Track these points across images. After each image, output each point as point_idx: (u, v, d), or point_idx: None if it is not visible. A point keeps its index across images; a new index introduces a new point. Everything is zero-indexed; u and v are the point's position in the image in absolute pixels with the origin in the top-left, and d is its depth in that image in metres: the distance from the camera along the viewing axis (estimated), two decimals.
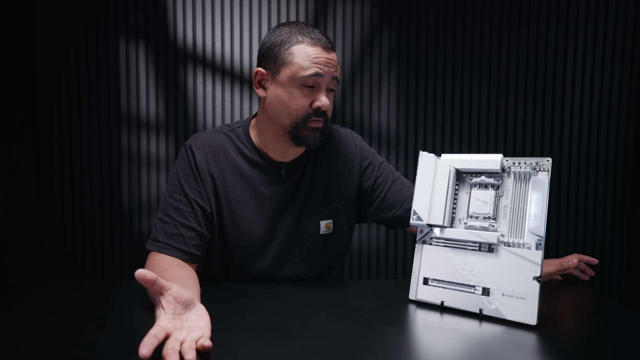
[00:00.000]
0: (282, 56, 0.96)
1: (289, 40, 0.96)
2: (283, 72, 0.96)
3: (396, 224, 1.13)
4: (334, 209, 1.08)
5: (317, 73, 0.94)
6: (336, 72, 0.97)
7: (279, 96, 0.97)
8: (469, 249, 0.85)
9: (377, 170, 1.12)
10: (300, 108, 0.96)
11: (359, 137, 1.16)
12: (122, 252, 1.90)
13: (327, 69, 0.95)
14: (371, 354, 0.64)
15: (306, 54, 0.94)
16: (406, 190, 1.11)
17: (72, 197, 1.87)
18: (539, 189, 0.80)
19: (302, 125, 0.97)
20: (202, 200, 0.99)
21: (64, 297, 0.92)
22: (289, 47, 0.95)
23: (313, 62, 0.94)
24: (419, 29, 1.94)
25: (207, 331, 0.66)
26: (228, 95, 1.91)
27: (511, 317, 0.77)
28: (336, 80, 0.98)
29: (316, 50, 0.95)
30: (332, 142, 1.11)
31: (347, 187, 1.10)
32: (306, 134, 0.98)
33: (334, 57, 0.98)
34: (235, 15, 1.89)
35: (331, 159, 1.09)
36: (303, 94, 0.95)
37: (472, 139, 1.99)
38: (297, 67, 0.94)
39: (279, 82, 0.96)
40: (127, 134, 1.88)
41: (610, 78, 1.99)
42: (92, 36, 1.84)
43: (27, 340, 0.69)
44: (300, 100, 0.95)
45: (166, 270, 0.86)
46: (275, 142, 1.02)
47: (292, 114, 0.96)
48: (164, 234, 0.95)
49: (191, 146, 1.02)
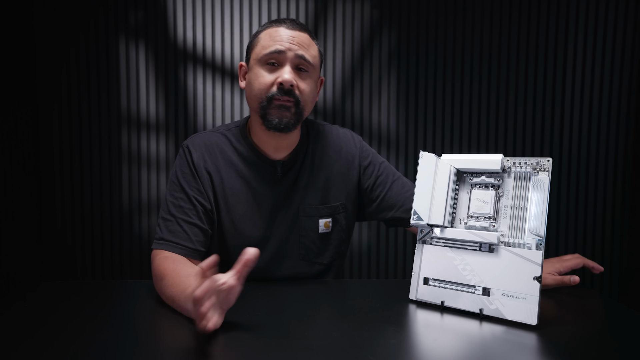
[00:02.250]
0: (252, 44, 1.01)
1: (261, 30, 1.01)
2: (252, 58, 1.00)
3: (396, 223, 1.13)
4: (333, 208, 1.09)
5: (277, 50, 0.96)
6: (302, 50, 0.97)
7: (249, 80, 1.00)
8: (469, 249, 0.85)
9: (378, 170, 1.12)
10: (263, 86, 0.97)
11: (359, 137, 1.16)
12: (122, 252, 1.90)
13: (289, 45, 0.96)
14: (371, 354, 0.64)
15: (269, 34, 0.98)
16: (406, 191, 1.11)
17: (72, 197, 1.87)
18: (539, 189, 0.80)
19: (267, 105, 0.97)
20: (201, 197, 0.99)
21: (64, 297, 0.92)
22: (258, 34, 1.01)
23: (274, 39, 0.96)
24: (419, 29, 1.94)
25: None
26: (228, 95, 1.91)
27: (511, 317, 0.77)
28: (304, 59, 0.97)
29: (279, 29, 0.98)
30: (330, 141, 1.11)
31: (346, 187, 1.10)
32: (273, 112, 0.97)
33: (300, 36, 0.98)
34: (235, 15, 1.89)
35: (329, 158, 1.09)
36: (266, 72, 0.97)
37: (472, 139, 1.99)
38: (260, 47, 0.98)
39: (250, 68, 1.01)
40: (127, 134, 1.88)
41: (610, 78, 1.99)
42: (92, 36, 1.84)
43: (27, 340, 0.69)
44: (262, 79, 0.97)
45: (191, 266, 0.89)
46: (266, 137, 1.03)
47: (257, 94, 0.98)
48: (168, 231, 0.96)
49: (188, 145, 1.03)
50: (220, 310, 0.70)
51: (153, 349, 0.66)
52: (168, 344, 0.66)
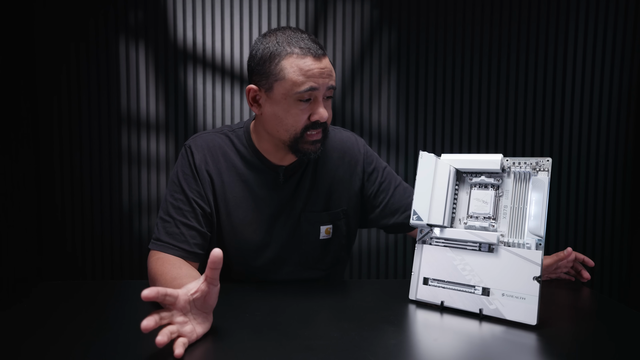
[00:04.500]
0: (273, 72, 0.91)
1: (278, 54, 0.91)
2: (276, 89, 0.91)
3: (398, 229, 1.12)
4: (334, 215, 1.07)
5: (312, 87, 0.90)
6: (331, 81, 0.93)
7: (275, 113, 0.93)
8: (469, 249, 0.85)
9: (381, 176, 1.11)
10: (298, 123, 0.93)
11: (363, 141, 1.14)
12: (122, 252, 1.90)
13: (322, 80, 0.91)
14: (371, 354, 0.64)
15: (298, 67, 0.89)
16: (408, 196, 1.09)
17: (72, 197, 1.87)
18: (539, 189, 0.80)
19: (300, 139, 0.95)
20: (201, 200, 0.99)
21: (64, 297, 0.92)
22: (279, 61, 0.90)
23: (306, 75, 0.90)
24: (419, 29, 1.94)
25: (194, 337, 0.68)
26: (228, 95, 1.91)
27: (511, 317, 0.77)
28: (332, 88, 0.94)
29: (307, 61, 0.90)
30: (333, 147, 1.09)
31: (348, 193, 1.09)
32: (306, 147, 0.96)
33: (327, 65, 0.93)
34: (235, 15, 1.89)
35: (333, 164, 1.08)
36: (300, 109, 0.92)
37: (472, 139, 1.99)
38: (290, 83, 0.90)
39: (274, 99, 0.93)
40: (127, 134, 1.88)
41: (610, 78, 1.99)
42: (92, 36, 1.84)
43: (27, 340, 0.69)
44: (297, 116, 0.93)
45: (180, 268, 0.88)
46: (274, 150, 1.01)
47: (290, 130, 0.94)
48: (166, 233, 0.96)
49: (190, 146, 1.02)
50: (204, 314, 0.70)
51: (153, 349, 0.66)
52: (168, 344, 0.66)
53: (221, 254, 0.66)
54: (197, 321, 0.69)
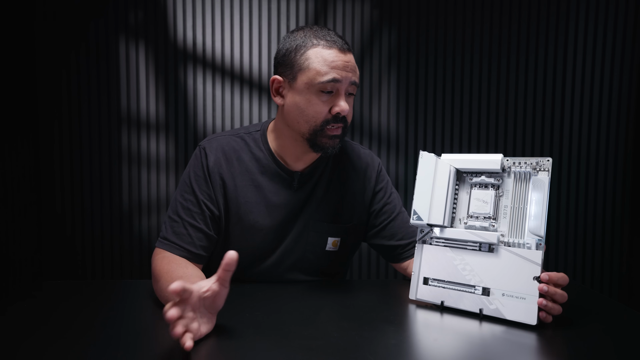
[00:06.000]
0: (298, 62, 0.93)
1: (304, 45, 0.93)
2: (300, 79, 0.93)
3: (388, 252, 1.11)
4: (343, 229, 1.07)
5: (335, 79, 0.91)
6: (354, 77, 0.94)
7: (297, 103, 0.94)
8: (469, 249, 0.85)
9: (388, 198, 1.10)
10: (319, 115, 0.93)
11: (379, 161, 1.14)
12: (122, 252, 1.90)
13: (345, 74, 0.92)
14: (371, 354, 0.64)
15: (322, 57, 0.91)
16: (408, 226, 1.09)
17: (72, 197, 1.87)
18: (539, 188, 0.80)
19: (320, 132, 0.95)
20: (211, 203, 0.98)
21: (65, 297, 0.92)
22: (304, 52, 0.93)
23: (330, 66, 0.91)
24: (419, 29, 1.94)
25: (198, 335, 0.67)
26: (228, 95, 1.91)
27: (511, 317, 0.77)
28: (355, 85, 0.95)
29: (332, 52, 0.92)
30: (350, 160, 1.09)
31: (359, 209, 1.09)
32: (325, 141, 0.96)
33: (351, 59, 0.94)
34: (235, 15, 1.89)
35: (348, 177, 1.08)
36: (321, 100, 0.93)
37: (472, 139, 1.99)
38: (313, 72, 0.91)
39: (296, 89, 0.94)
40: (127, 134, 1.88)
41: (610, 78, 1.99)
42: (92, 36, 1.84)
43: (27, 340, 0.69)
44: (318, 107, 0.93)
45: (186, 267, 0.88)
46: (292, 147, 1.01)
47: (311, 121, 0.94)
48: (173, 232, 0.96)
49: (205, 148, 1.01)
50: (209, 315, 0.70)
51: (153, 349, 0.66)
52: (168, 344, 0.66)
53: (236, 257, 0.66)
54: (202, 320, 0.69)
